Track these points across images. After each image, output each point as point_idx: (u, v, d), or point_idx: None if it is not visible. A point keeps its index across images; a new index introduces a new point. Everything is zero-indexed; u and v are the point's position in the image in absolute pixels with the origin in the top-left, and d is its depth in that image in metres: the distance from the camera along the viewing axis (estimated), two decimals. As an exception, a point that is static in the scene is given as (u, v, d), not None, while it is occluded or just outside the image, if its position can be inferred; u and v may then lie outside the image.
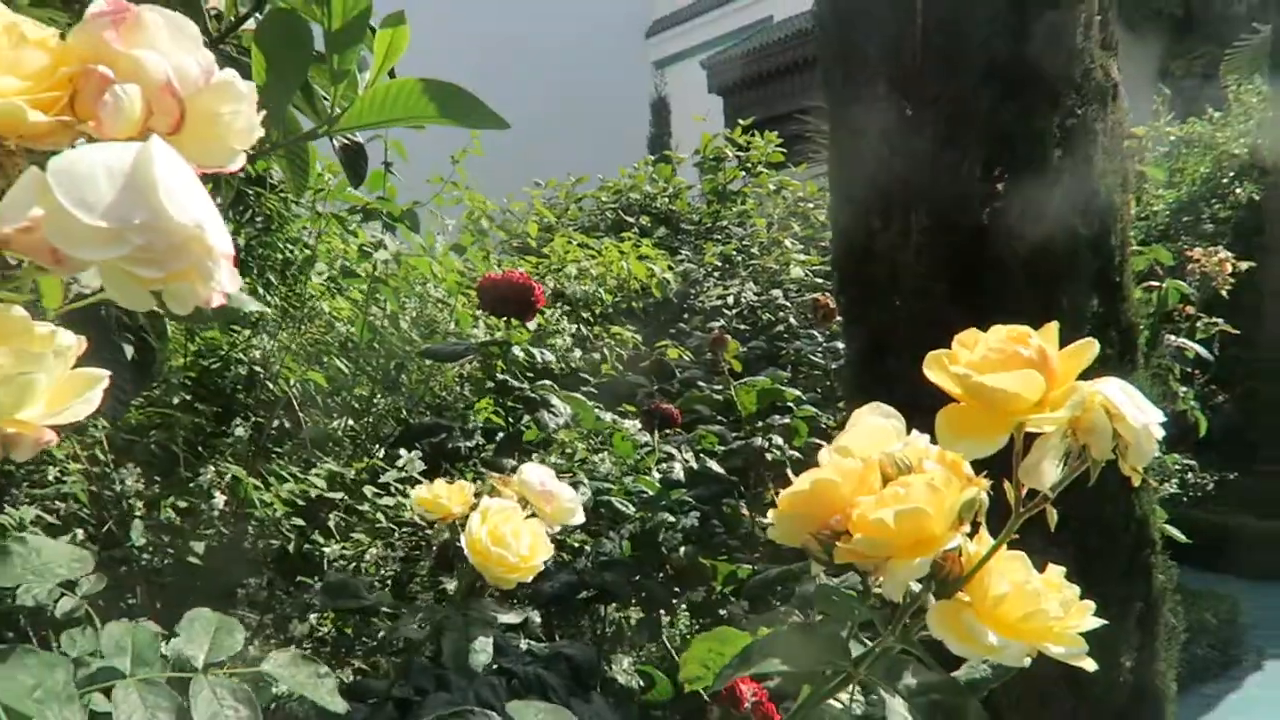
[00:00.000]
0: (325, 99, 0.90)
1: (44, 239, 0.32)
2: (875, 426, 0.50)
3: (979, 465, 0.47)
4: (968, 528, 0.43)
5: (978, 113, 1.46)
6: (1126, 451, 0.39)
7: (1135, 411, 0.39)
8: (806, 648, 0.45)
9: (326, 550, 1.58)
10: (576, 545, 1.60)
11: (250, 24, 0.94)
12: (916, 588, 0.47)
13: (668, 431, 1.91)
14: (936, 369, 0.42)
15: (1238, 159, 4.63)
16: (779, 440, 1.83)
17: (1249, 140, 4.62)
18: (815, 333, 2.39)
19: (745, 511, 1.80)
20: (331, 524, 1.61)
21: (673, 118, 11.71)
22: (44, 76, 0.33)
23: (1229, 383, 3.60)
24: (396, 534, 1.69)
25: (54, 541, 0.44)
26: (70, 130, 0.33)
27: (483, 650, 0.72)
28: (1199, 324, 2.47)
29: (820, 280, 3.38)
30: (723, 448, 1.89)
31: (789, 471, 1.88)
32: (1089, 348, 0.41)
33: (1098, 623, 0.43)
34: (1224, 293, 2.55)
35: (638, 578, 1.54)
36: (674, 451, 1.85)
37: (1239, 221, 4.41)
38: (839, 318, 2.29)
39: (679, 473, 1.75)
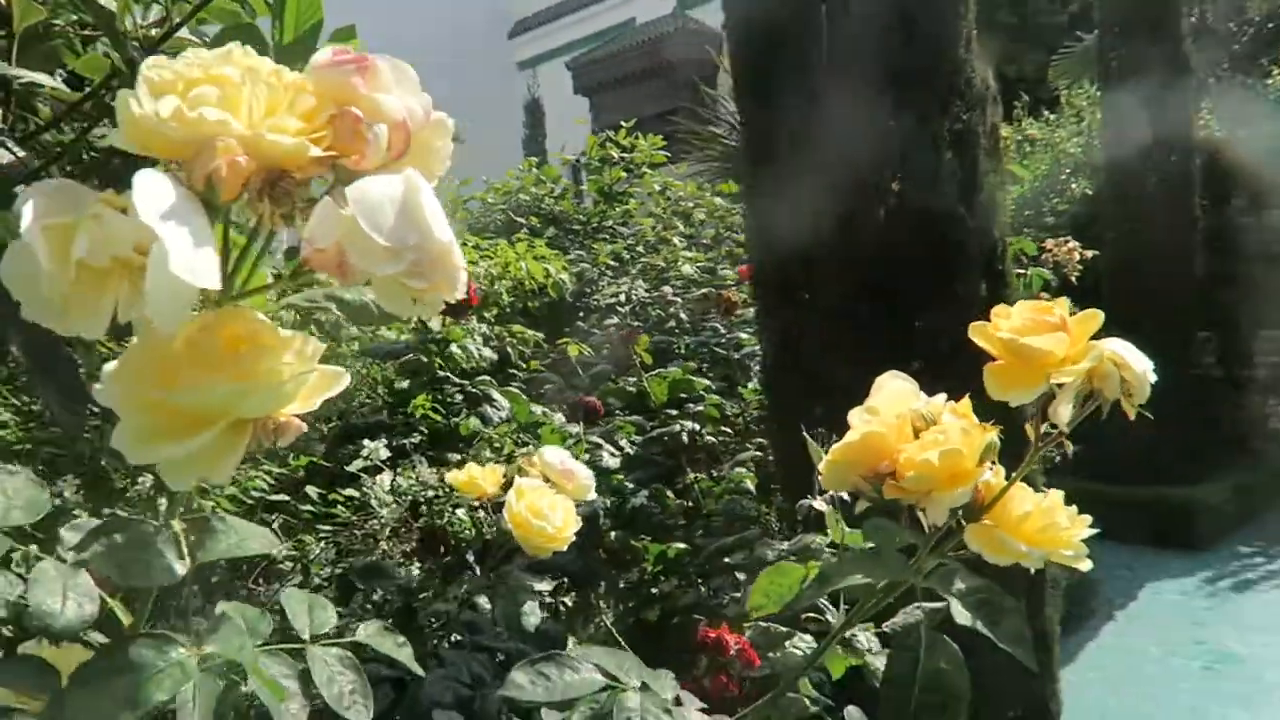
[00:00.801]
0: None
1: (334, 256, 0.39)
2: (898, 389, 0.61)
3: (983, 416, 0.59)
4: (990, 464, 0.55)
5: (878, 120, 1.61)
6: (1132, 392, 0.51)
7: (1136, 361, 0.51)
8: (875, 566, 0.56)
9: (272, 552, 1.60)
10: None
11: (183, 32, 0.98)
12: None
13: (587, 423, 2.01)
14: (981, 335, 0.54)
15: (1073, 157, 5.07)
16: (698, 426, 1.95)
17: (1082, 140, 5.07)
18: (719, 325, 2.52)
19: (669, 494, 1.92)
20: (276, 525, 1.63)
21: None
22: (311, 117, 0.40)
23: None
24: (332, 531, 1.72)
25: (246, 522, 0.50)
26: (328, 163, 0.40)
27: (531, 613, 0.79)
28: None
29: (707, 276, 3.53)
30: (639, 436, 2.00)
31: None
32: (1095, 317, 0.53)
33: (1094, 531, 0.56)
34: (1073, 278, 2.85)
35: (583, 562, 1.63)
36: (600, 441, 1.94)
37: (1075, 215, 4.84)
38: (746, 312, 2.43)
39: (608, 461, 1.84)
